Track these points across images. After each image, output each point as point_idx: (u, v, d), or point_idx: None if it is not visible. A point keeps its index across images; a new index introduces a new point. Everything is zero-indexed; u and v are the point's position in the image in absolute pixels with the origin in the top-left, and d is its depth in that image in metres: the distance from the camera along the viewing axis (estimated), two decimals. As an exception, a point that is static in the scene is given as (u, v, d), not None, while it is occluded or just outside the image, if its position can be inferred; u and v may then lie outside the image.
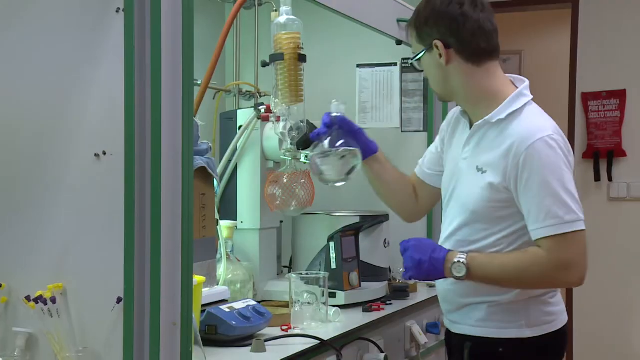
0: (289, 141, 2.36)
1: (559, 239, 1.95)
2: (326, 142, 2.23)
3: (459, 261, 2.03)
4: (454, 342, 2.21)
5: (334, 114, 2.27)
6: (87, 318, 1.64)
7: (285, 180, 2.37)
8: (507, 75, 2.14)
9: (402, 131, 3.09)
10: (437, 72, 2.11)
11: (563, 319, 2.16)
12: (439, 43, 2.07)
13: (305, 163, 2.43)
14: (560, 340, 2.16)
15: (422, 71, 2.19)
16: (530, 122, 2.03)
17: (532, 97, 2.10)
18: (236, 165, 2.54)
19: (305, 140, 2.44)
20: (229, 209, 2.52)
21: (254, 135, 2.53)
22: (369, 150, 2.32)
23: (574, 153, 2.16)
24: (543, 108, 2.15)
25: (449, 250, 2.07)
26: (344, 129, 2.26)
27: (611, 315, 4.32)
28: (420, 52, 2.13)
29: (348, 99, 3.13)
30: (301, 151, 2.42)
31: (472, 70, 2.08)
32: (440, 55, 2.08)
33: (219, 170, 2.47)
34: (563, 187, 1.96)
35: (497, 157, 2.03)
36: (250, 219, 2.51)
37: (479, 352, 2.12)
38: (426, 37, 2.10)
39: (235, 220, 2.49)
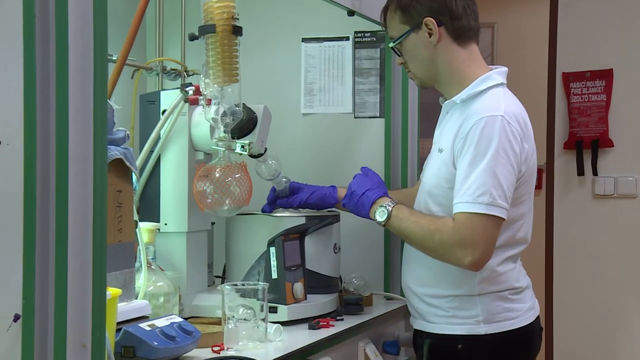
0: (222, 128, 2.36)
1: (467, 217, 2.23)
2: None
3: (384, 206, 2.39)
4: (417, 340, 2.48)
5: (278, 192, 2.66)
6: (-21, 339, 1.61)
7: (217, 175, 2.37)
8: (490, 66, 2.43)
9: (355, 117, 3.11)
10: (424, 54, 2.40)
11: (528, 317, 2.40)
12: (430, 20, 2.37)
13: (241, 154, 2.42)
14: (525, 339, 2.41)
15: (400, 55, 2.46)
16: (487, 102, 2.30)
17: (502, 82, 2.39)
18: (159, 156, 2.52)
19: (241, 128, 2.44)
20: (150, 209, 2.50)
21: (181, 121, 2.51)
22: (326, 206, 2.67)
23: (553, 142, 2.42)
24: (518, 90, 2.34)
25: (383, 195, 2.44)
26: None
27: (595, 322, 4.39)
28: (406, 33, 2.40)
29: (292, 78, 3.17)
30: (237, 140, 2.42)
31: (457, 51, 2.40)
32: (430, 35, 2.38)
33: (138, 162, 2.45)
34: (490, 170, 2.21)
35: (452, 135, 2.31)
36: (175, 220, 2.50)
37: (438, 349, 2.41)
38: (416, 16, 2.39)
39: (158, 222, 2.47)
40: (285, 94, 3.17)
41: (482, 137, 2.23)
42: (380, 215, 2.39)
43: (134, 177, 2.17)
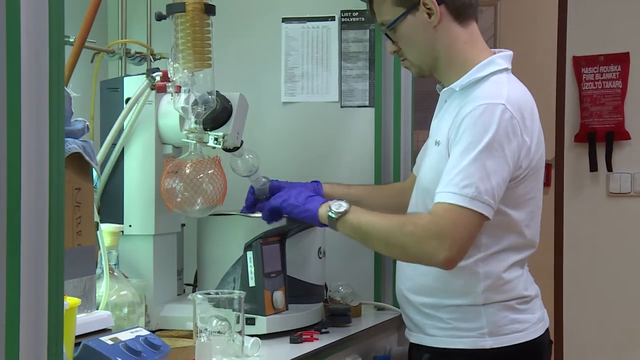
0: (193, 119, 2.36)
1: (449, 208, 2.21)
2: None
3: (340, 202, 2.36)
4: (414, 355, 2.49)
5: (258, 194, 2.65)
6: None
7: (188, 171, 2.37)
8: (494, 49, 2.44)
9: (341, 106, 3.11)
10: (423, 37, 2.40)
11: (538, 330, 2.42)
12: None
13: (214, 148, 2.42)
14: (535, 354, 2.43)
15: (394, 42, 2.45)
16: (488, 88, 2.31)
17: (507, 67, 2.39)
18: (122, 150, 2.52)
19: (215, 118, 2.44)
20: (112, 209, 2.51)
21: (147, 111, 2.51)
22: None
23: (563, 135, 2.41)
24: (524, 76, 2.36)
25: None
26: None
27: (610, 334, 4.40)
28: (402, 15, 2.38)
29: (271, 63, 3.17)
30: (209, 132, 2.42)
31: (458, 31, 2.41)
32: (429, 15, 2.37)
33: (99, 157, 2.45)
34: (480, 161, 2.20)
35: (448, 125, 2.31)
36: (141, 221, 2.50)
37: None
38: None
39: (122, 223, 2.48)
40: (263, 80, 3.17)
41: (477, 124, 2.24)
42: (337, 207, 2.35)
43: (95, 174, 2.17)
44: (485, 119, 2.23)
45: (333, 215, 2.35)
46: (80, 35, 2.16)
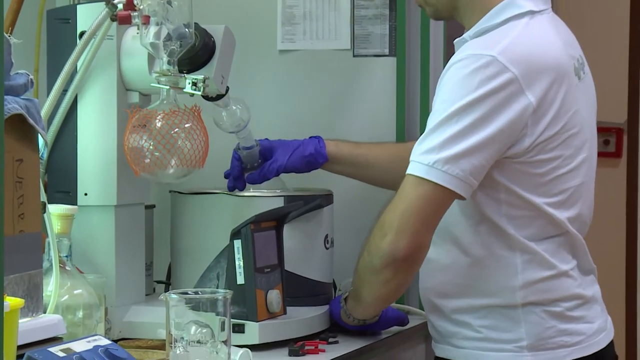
0: (166, 58, 2.36)
1: (405, 182, 2.32)
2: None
3: None
4: None
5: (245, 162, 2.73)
6: None
7: (159, 124, 2.37)
8: None
9: (354, 55, 3.11)
10: None
11: (597, 343, 2.41)
12: None
13: (192, 95, 2.42)
14: None
15: None
16: (488, 38, 2.35)
17: (531, 9, 2.38)
18: (76, 98, 2.53)
19: (193, 57, 2.44)
20: (63, 174, 2.53)
21: (106, 48, 2.52)
22: (314, 167, 2.79)
23: (638, 92, 2.36)
24: (589, 19, 2.31)
25: None
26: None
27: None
28: None
29: (264, 1, 3.16)
30: (186, 75, 2.42)
31: None
32: None
33: (46, 107, 2.45)
34: (448, 125, 2.27)
35: None
36: (99, 188, 2.52)
37: None
38: None
39: (75, 190, 2.50)
40: (255, 22, 3.16)
41: (452, 81, 2.31)
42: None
43: (41, 141, 2.18)
44: (463, 73, 2.28)
45: None
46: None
